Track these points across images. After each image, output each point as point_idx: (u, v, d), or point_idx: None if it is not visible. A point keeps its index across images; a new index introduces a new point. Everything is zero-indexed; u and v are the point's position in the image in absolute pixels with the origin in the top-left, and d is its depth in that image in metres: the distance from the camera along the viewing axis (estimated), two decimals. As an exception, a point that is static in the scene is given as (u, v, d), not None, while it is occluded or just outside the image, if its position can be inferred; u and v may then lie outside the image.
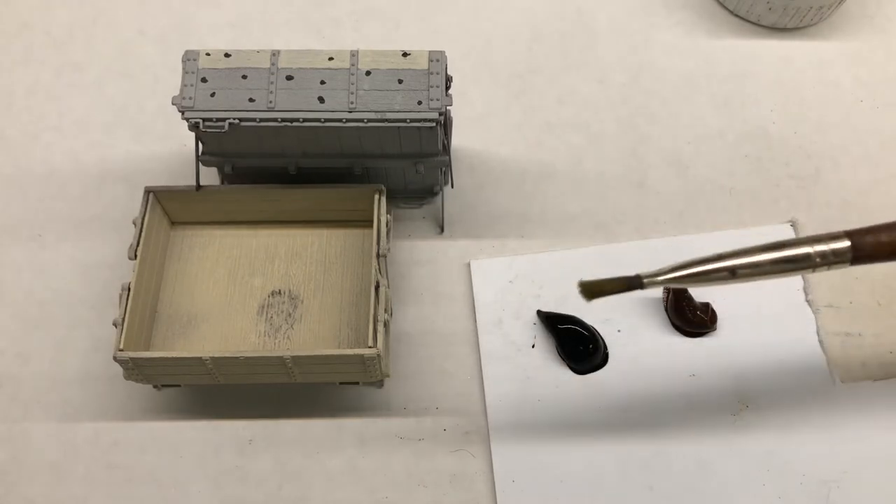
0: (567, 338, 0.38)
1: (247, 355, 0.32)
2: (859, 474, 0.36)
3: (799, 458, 0.36)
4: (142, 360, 0.33)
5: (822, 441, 0.36)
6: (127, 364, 0.33)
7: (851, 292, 0.40)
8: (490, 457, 0.37)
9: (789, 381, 0.38)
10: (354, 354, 0.33)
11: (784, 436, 0.37)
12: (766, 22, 0.45)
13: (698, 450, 0.36)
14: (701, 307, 0.38)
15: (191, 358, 0.33)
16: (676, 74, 0.44)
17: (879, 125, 0.43)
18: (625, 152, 0.43)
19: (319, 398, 0.38)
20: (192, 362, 0.33)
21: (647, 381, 0.38)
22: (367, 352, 0.33)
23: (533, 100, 0.44)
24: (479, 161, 0.42)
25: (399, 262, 0.40)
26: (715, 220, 0.41)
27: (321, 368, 0.34)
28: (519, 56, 0.45)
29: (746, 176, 0.42)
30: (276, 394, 0.37)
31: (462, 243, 0.41)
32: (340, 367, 0.34)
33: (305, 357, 0.33)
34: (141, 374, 0.34)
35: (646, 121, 0.43)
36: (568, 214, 0.41)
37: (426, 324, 0.39)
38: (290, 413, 0.37)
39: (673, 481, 0.36)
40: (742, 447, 0.36)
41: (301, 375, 0.34)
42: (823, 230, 0.41)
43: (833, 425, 0.37)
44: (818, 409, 0.37)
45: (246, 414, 0.37)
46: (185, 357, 0.33)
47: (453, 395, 0.38)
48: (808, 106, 0.44)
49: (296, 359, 0.33)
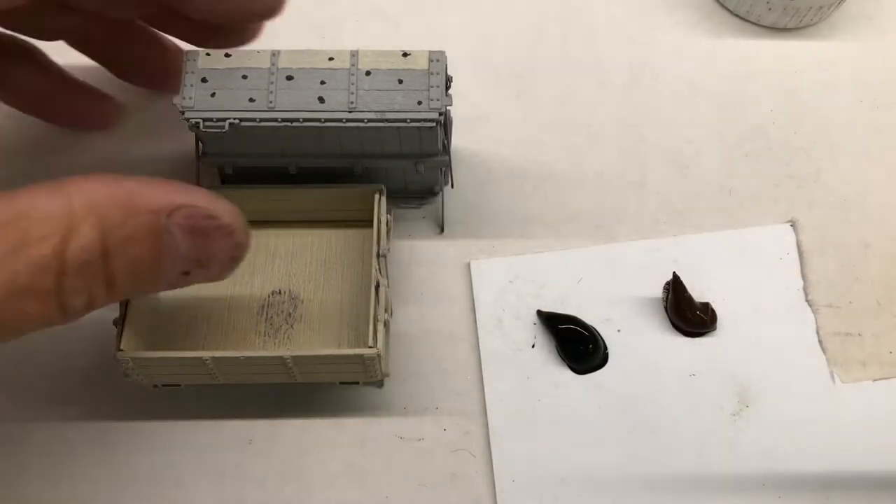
0: (567, 338, 0.38)
1: (247, 355, 0.32)
2: (860, 474, 0.36)
3: (799, 458, 0.36)
4: (142, 360, 0.33)
5: (823, 441, 0.37)
6: (127, 364, 0.33)
7: (851, 292, 0.40)
8: (490, 457, 0.37)
9: (789, 381, 0.38)
10: (354, 354, 0.33)
11: (784, 436, 0.37)
12: (766, 22, 0.45)
13: (698, 450, 0.36)
14: (701, 307, 0.38)
15: (191, 357, 0.33)
16: (676, 74, 0.44)
17: (880, 125, 0.43)
18: (625, 152, 0.43)
19: (319, 398, 0.38)
20: (193, 362, 0.33)
21: (647, 381, 0.38)
22: (367, 352, 0.33)
23: (533, 100, 0.44)
24: (479, 161, 0.42)
25: (399, 262, 0.40)
26: (715, 219, 0.41)
27: (321, 368, 0.34)
28: (519, 56, 0.44)
29: (746, 176, 0.42)
30: (276, 394, 0.37)
31: (462, 243, 0.41)
32: (341, 367, 0.34)
33: (306, 357, 0.33)
34: (141, 374, 0.34)
35: (646, 121, 0.43)
36: (568, 214, 0.41)
37: (426, 324, 0.39)
38: (290, 413, 0.37)
39: (673, 481, 0.36)
40: (742, 447, 0.36)
41: (301, 375, 0.34)
42: (824, 230, 0.41)
43: (833, 425, 0.37)
44: (818, 409, 0.37)
45: (246, 414, 0.37)
46: (185, 357, 0.33)
47: (453, 395, 0.38)
48: (808, 106, 0.44)
49: (296, 359, 0.33)
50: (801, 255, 0.40)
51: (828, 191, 0.42)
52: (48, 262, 0.24)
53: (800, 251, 0.40)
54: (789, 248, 0.41)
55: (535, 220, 0.41)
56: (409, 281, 0.40)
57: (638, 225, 0.41)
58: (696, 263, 0.40)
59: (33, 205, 0.24)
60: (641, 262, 0.40)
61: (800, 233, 0.41)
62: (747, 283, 0.40)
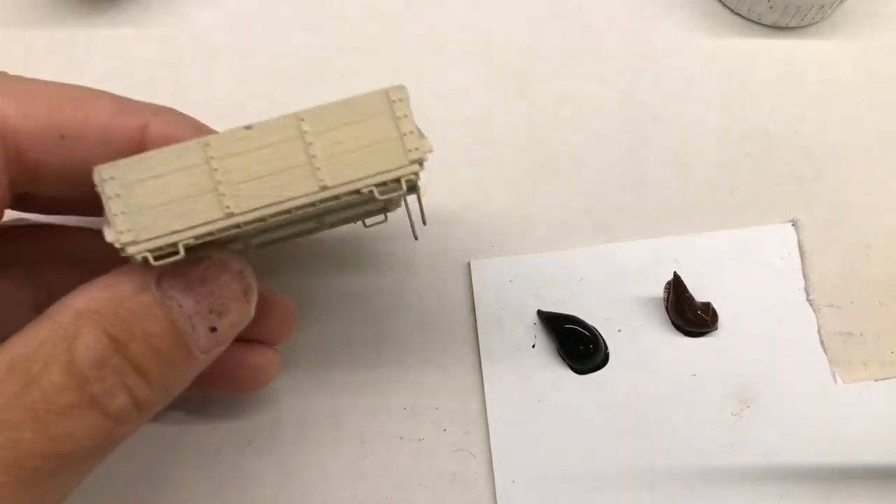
0: (567, 338, 0.38)
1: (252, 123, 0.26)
2: (861, 474, 0.36)
3: (800, 458, 0.36)
4: (126, 172, 0.25)
5: (824, 441, 0.36)
6: (110, 187, 0.25)
7: (853, 292, 0.40)
8: (490, 457, 0.36)
9: (790, 381, 0.38)
10: (374, 91, 0.26)
11: (785, 436, 0.37)
12: (767, 21, 0.45)
13: (699, 450, 0.36)
14: (702, 307, 0.38)
15: (183, 149, 0.25)
16: (677, 73, 0.44)
17: (881, 124, 0.43)
18: (625, 151, 0.43)
19: (319, 398, 0.38)
20: (190, 159, 0.25)
21: (647, 381, 0.38)
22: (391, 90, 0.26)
23: (533, 99, 0.43)
24: (478, 160, 0.42)
25: (399, 262, 0.40)
26: (716, 219, 0.41)
27: (350, 161, 0.26)
28: (519, 55, 0.44)
29: (747, 175, 0.42)
30: (276, 394, 0.37)
31: (462, 243, 0.41)
32: (368, 152, 0.26)
33: (322, 109, 0.26)
34: (131, 222, 0.25)
35: (646, 120, 0.43)
36: (568, 214, 0.41)
37: (426, 323, 0.39)
38: (289, 413, 0.37)
39: (673, 481, 0.36)
40: (743, 447, 0.36)
41: (327, 164, 0.26)
42: (825, 230, 0.41)
43: (834, 425, 0.37)
44: (819, 409, 0.37)
45: (246, 414, 0.37)
46: (177, 150, 0.25)
47: (453, 395, 0.38)
48: (809, 105, 0.44)
49: (313, 118, 0.26)
50: (802, 254, 0.40)
51: (829, 190, 0.42)
52: (63, 381, 0.24)
53: (801, 251, 0.40)
54: (790, 247, 0.40)
55: (535, 220, 0.41)
56: (408, 280, 0.40)
57: (638, 224, 0.41)
58: (696, 263, 0.40)
59: (22, 342, 0.24)
60: (642, 262, 0.40)
61: (801, 232, 0.41)
62: (748, 283, 0.40)
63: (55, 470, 0.24)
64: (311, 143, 0.26)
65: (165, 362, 0.26)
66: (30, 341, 0.24)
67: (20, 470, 0.23)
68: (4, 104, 0.26)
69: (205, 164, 0.25)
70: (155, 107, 0.28)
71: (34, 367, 0.23)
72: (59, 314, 0.25)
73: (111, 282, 0.25)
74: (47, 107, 0.26)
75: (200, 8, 0.45)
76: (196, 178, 0.25)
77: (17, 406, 0.23)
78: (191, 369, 0.28)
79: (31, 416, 0.23)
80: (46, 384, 0.23)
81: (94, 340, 0.24)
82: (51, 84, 0.27)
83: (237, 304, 0.28)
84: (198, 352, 0.27)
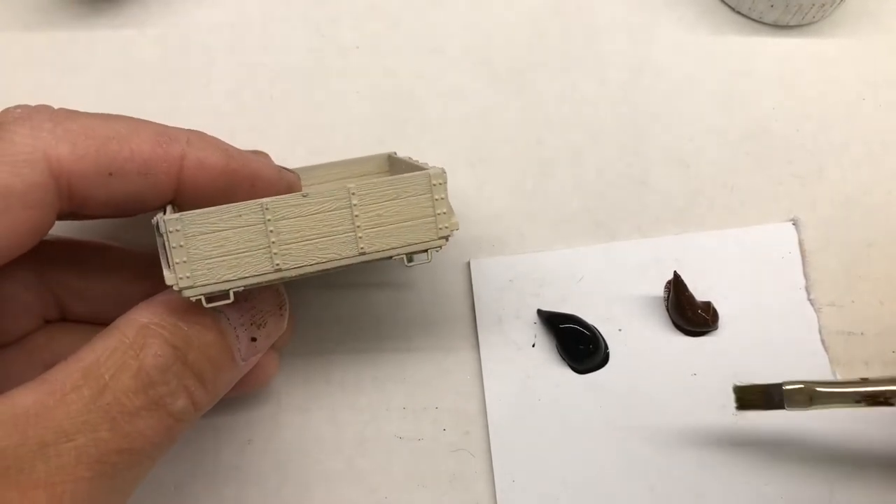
0: (567, 337, 0.38)
1: (306, 192, 0.29)
2: (862, 474, 0.36)
3: (801, 458, 0.36)
4: (187, 223, 0.28)
5: (824, 441, 0.36)
6: (173, 235, 0.28)
7: (854, 291, 0.39)
8: (490, 457, 0.36)
9: (791, 381, 0.38)
10: (419, 174, 0.29)
11: (785, 436, 0.36)
12: (767, 19, 0.45)
13: (699, 449, 0.36)
14: (702, 306, 0.38)
15: (243, 207, 0.28)
16: (677, 72, 0.44)
17: (882, 123, 0.43)
18: (625, 150, 0.42)
19: (319, 398, 0.38)
20: (246, 212, 0.28)
21: (647, 381, 0.38)
22: (431, 171, 0.29)
23: (533, 97, 0.43)
24: (478, 160, 0.42)
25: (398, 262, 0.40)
26: (716, 218, 0.41)
27: (387, 211, 0.29)
28: (519, 54, 0.44)
29: (748, 174, 0.42)
30: (276, 394, 0.37)
31: (462, 243, 0.41)
32: (407, 209, 0.29)
33: (369, 183, 0.29)
34: (186, 259, 0.29)
35: (647, 119, 0.43)
36: (568, 213, 0.41)
37: (426, 324, 0.39)
38: (289, 413, 0.37)
39: (674, 481, 0.36)
40: (743, 447, 0.36)
41: (367, 236, 0.29)
42: (826, 229, 0.41)
43: (835, 425, 0.37)
44: (820, 409, 0.37)
45: (245, 414, 0.37)
46: (237, 208, 0.28)
47: (453, 395, 0.38)
48: (810, 104, 0.44)
49: (359, 186, 0.29)
50: (803, 253, 0.40)
51: (830, 189, 0.42)
52: (134, 385, 0.26)
53: (802, 250, 0.40)
54: (791, 246, 0.40)
55: (535, 219, 0.41)
56: (408, 280, 0.40)
57: (639, 223, 0.41)
58: (697, 262, 0.40)
59: (93, 351, 0.27)
60: (642, 261, 0.40)
61: (802, 231, 0.41)
62: (749, 282, 0.39)
63: (129, 464, 0.26)
64: (357, 214, 0.29)
65: (217, 368, 0.29)
66: (99, 351, 0.27)
67: (102, 466, 0.25)
68: (60, 147, 0.27)
69: (261, 223, 0.28)
70: (188, 134, 0.30)
71: (106, 373, 0.26)
72: (125, 327, 0.27)
73: (169, 298, 0.28)
74: (96, 147, 0.28)
75: (200, 8, 0.45)
76: (252, 235, 0.28)
77: (94, 409, 0.26)
78: (235, 375, 0.31)
79: (107, 418, 0.26)
80: (119, 389, 0.26)
81: (160, 349, 0.27)
82: (97, 119, 0.29)
83: (273, 317, 0.31)
84: (240, 359, 0.30)
